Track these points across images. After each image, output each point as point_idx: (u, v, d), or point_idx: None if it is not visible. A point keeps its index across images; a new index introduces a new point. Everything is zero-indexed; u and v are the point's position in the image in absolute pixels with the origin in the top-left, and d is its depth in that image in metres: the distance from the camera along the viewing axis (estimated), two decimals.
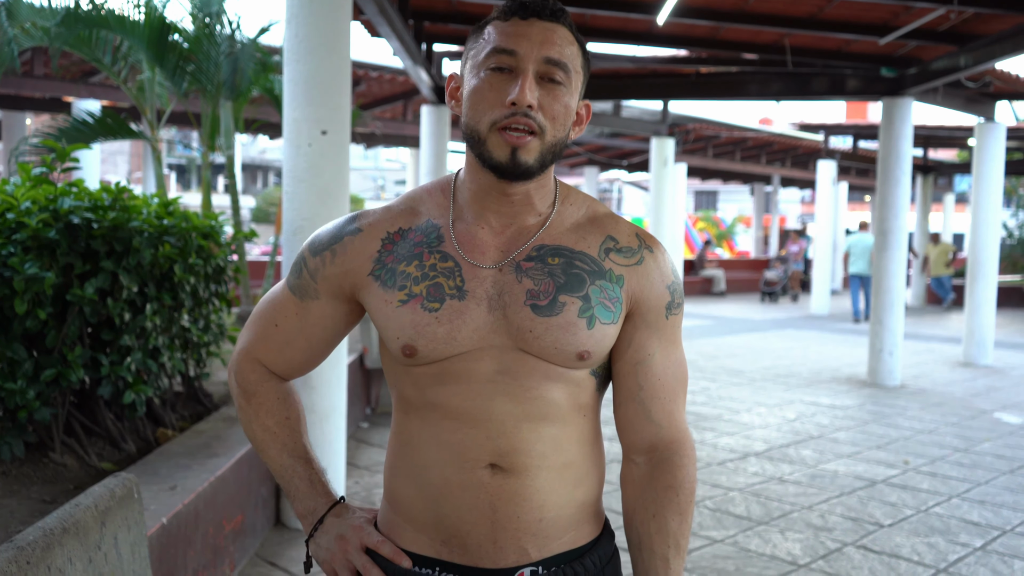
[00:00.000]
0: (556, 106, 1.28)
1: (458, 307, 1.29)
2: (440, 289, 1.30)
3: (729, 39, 8.85)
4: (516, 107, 1.25)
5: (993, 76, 9.70)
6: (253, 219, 35.17)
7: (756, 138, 18.62)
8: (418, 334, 1.29)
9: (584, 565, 1.36)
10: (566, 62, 1.28)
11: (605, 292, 1.32)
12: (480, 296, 1.30)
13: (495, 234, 1.34)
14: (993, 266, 10.63)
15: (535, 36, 1.27)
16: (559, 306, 1.28)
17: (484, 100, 1.27)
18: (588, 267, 1.32)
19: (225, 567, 3.54)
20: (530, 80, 1.26)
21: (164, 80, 7.68)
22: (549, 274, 1.30)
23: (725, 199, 46.92)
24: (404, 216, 1.38)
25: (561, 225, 1.36)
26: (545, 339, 1.28)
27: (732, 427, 6.92)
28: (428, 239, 1.34)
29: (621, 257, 1.35)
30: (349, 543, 1.38)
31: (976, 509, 4.97)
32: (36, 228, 3.23)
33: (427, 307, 1.29)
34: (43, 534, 1.87)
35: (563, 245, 1.33)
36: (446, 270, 1.31)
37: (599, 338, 1.31)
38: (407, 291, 1.30)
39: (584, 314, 1.29)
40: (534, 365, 1.29)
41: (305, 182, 4.18)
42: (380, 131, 14.04)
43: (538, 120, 1.26)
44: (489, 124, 1.27)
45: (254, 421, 1.46)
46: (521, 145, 1.26)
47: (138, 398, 3.62)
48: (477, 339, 1.29)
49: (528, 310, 1.28)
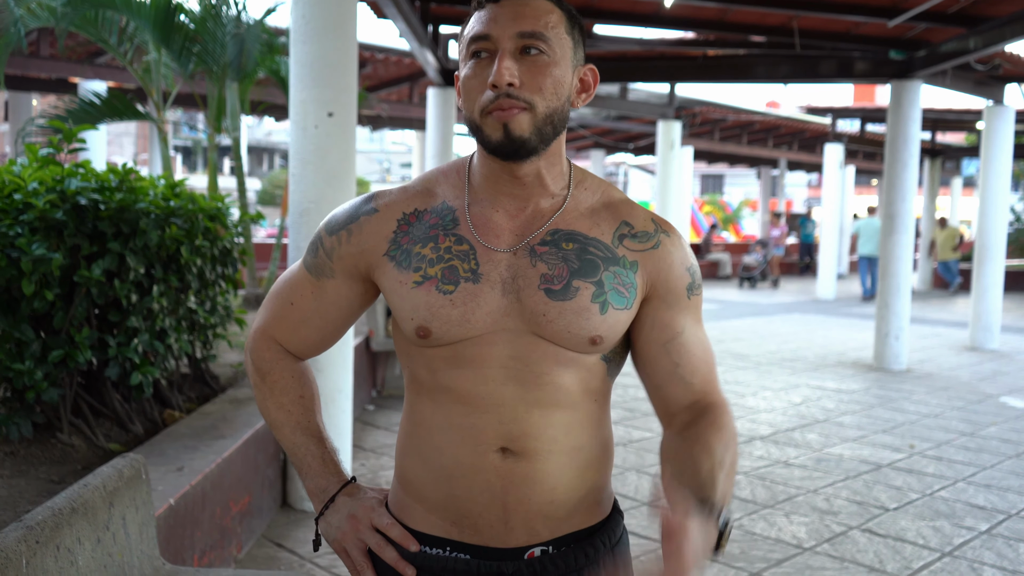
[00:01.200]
0: (540, 77, 1.27)
1: (472, 290, 1.29)
2: (455, 272, 1.30)
3: (737, 21, 8.79)
4: (496, 89, 1.25)
5: (1002, 59, 9.63)
6: (259, 201, 35.17)
7: (763, 121, 18.53)
8: (432, 316, 1.29)
9: (594, 545, 1.37)
10: (541, 31, 1.27)
11: (619, 278, 1.32)
12: (494, 279, 1.30)
13: (510, 217, 1.34)
14: (1000, 250, 10.59)
15: (505, 14, 1.27)
16: (573, 291, 1.29)
17: (472, 88, 1.28)
18: (602, 253, 1.32)
19: (232, 548, 3.56)
20: (506, 59, 1.25)
21: (170, 61, 7.67)
22: (563, 259, 1.30)
23: (731, 183, 46.77)
24: (420, 197, 1.39)
25: (576, 209, 1.35)
26: (558, 323, 1.28)
27: (738, 411, 6.92)
28: (444, 221, 1.34)
29: (636, 243, 1.35)
30: (360, 522, 1.39)
31: (982, 493, 4.98)
32: (43, 209, 3.23)
33: (442, 289, 1.29)
34: (52, 514, 1.88)
35: (577, 231, 1.33)
36: (461, 253, 1.31)
37: (612, 323, 1.31)
38: (422, 272, 1.31)
39: (597, 299, 1.29)
40: (546, 350, 1.30)
41: (312, 164, 4.17)
42: (386, 113, 14.00)
43: (523, 96, 1.26)
44: (480, 110, 1.27)
45: (268, 399, 1.47)
46: (510, 119, 1.25)
47: (145, 379, 3.63)
48: (491, 322, 1.29)
49: (542, 294, 1.29)
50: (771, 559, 3.93)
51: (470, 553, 1.35)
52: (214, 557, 3.31)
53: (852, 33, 8.89)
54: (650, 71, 10.94)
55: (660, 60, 10.74)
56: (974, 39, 7.90)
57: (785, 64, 9.69)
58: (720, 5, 7.91)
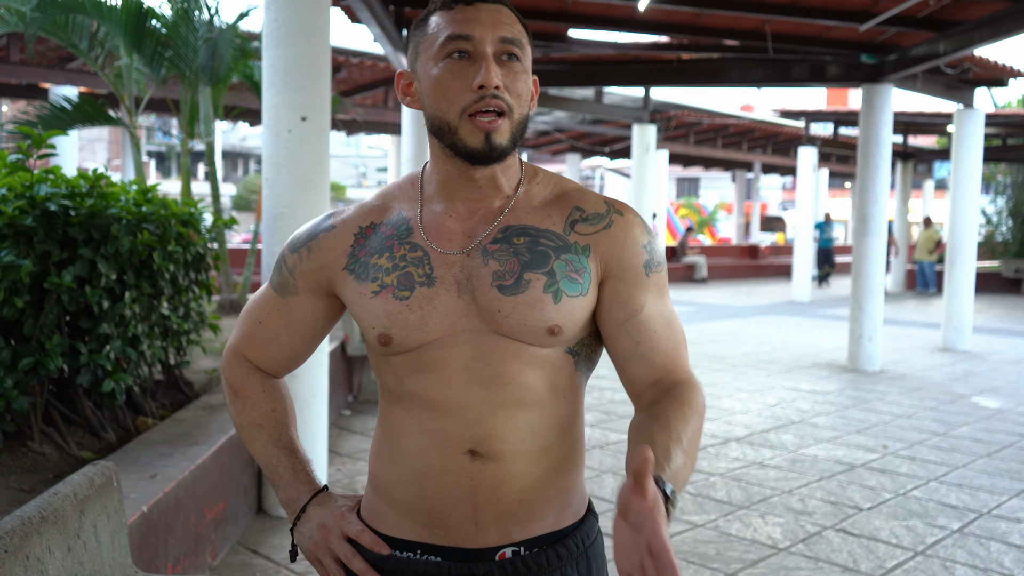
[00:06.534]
0: (518, 84, 1.30)
1: (428, 294, 1.31)
2: (410, 278, 1.32)
3: (710, 25, 8.84)
4: (484, 90, 1.26)
5: (972, 63, 9.75)
6: (234, 207, 34.98)
7: (737, 125, 18.65)
8: (391, 322, 1.31)
9: (567, 547, 1.37)
10: (519, 39, 1.31)
11: (571, 265, 1.32)
12: (449, 282, 1.31)
13: (462, 220, 1.35)
14: (971, 252, 10.71)
15: (486, 18, 1.29)
16: (524, 283, 1.29)
17: (450, 89, 1.28)
18: (553, 243, 1.33)
19: (207, 555, 3.53)
20: (491, 61, 1.28)
21: (142, 66, 7.61)
22: (514, 254, 1.31)
23: (707, 186, 47.06)
24: (376, 211, 1.42)
25: (528, 204, 1.37)
26: (514, 317, 1.29)
27: (713, 412, 6.95)
28: (398, 231, 1.37)
29: (587, 226, 1.35)
30: (331, 532, 1.40)
31: (954, 492, 5.02)
32: (12, 215, 3.20)
33: (398, 296, 1.31)
34: (21, 523, 1.86)
35: (528, 224, 1.34)
36: (415, 259, 1.33)
37: (567, 312, 1.31)
38: (379, 282, 1.33)
39: (549, 289, 1.30)
40: (506, 348, 1.30)
41: (285, 168, 4.15)
42: (361, 118, 13.97)
43: (506, 100, 1.28)
44: (459, 112, 1.28)
45: (241, 415, 1.50)
46: (494, 129, 1.28)
47: (117, 387, 3.60)
48: (448, 324, 1.30)
49: (495, 291, 1.30)
50: (746, 560, 3.95)
51: (441, 555, 1.35)
52: (188, 564, 3.28)
53: (824, 37, 8.97)
54: (625, 75, 10.99)
55: (635, 64, 10.79)
56: (944, 43, 7.99)
57: (759, 68, 9.77)
58: (694, 9, 7.96)
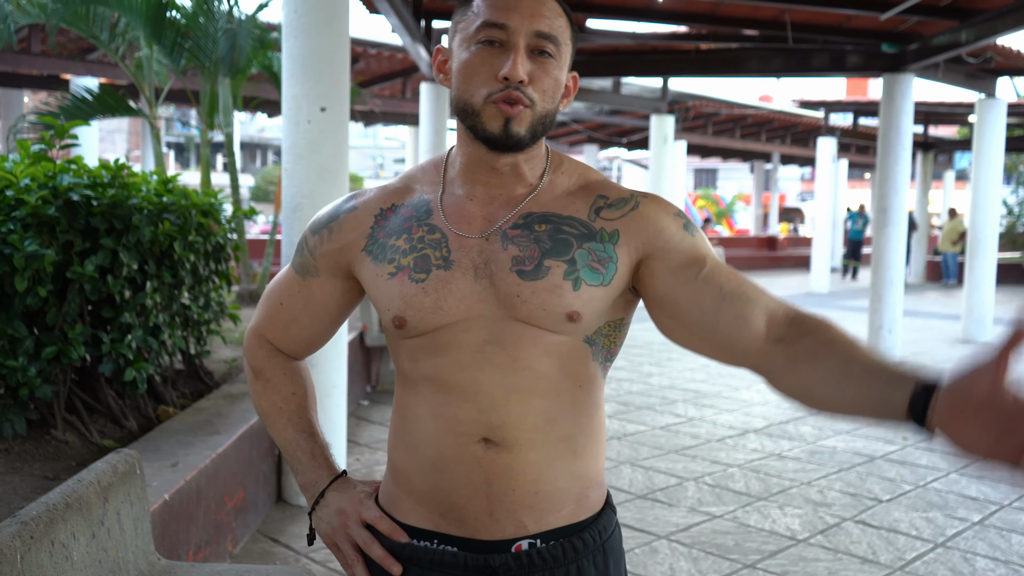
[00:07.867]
0: (546, 80, 1.28)
1: (444, 277, 1.29)
2: (427, 260, 1.31)
3: (729, 15, 8.79)
4: (508, 82, 1.25)
5: (994, 52, 9.65)
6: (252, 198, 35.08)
7: (756, 115, 18.55)
8: (406, 305, 1.30)
9: (583, 540, 1.35)
10: (556, 35, 1.28)
11: (593, 254, 1.30)
12: (466, 265, 1.30)
13: (482, 204, 1.34)
14: (993, 243, 10.62)
15: (525, 9, 1.27)
16: (544, 270, 1.28)
17: (476, 74, 1.27)
18: (577, 231, 1.31)
19: (227, 543, 3.56)
20: (521, 54, 1.26)
21: (162, 57, 7.65)
22: (535, 240, 1.30)
23: (725, 177, 46.80)
24: (397, 193, 1.41)
25: (551, 193, 1.35)
26: (533, 302, 1.27)
27: (731, 404, 6.94)
28: (418, 213, 1.36)
29: (613, 211, 1.33)
30: (349, 518, 1.39)
31: (974, 484, 5.00)
32: (35, 205, 3.22)
33: (414, 278, 1.30)
34: (46, 509, 1.88)
35: (551, 212, 1.33)
36: (433, 242, 1.32)
37: (587, 300, 1.28)
38: (396, 263, 1.32)
39: (569, 276, 1.28)
40: (522, 333, 1.28)
41: (304, 159, 4.17)
42: (379, 109, 13.99)
43: (529, 94, 1.26)
44: (483, 98, 1.27)
45: (262, 396, 1.50)
46: (514, 115, 1.26)
47: (139, 375, 3.63)
48: (464, 308, 1.29)
49: (515, 276, 1.28)
50: (765, 551, 3.94)
51: (457, 545, 1.33)
52: (209, 552, 3.31)
53: (844, 26, 8.90)
54: (643, 65, 10.94)
55: (653, 54, 10.74)
56: (966, 32, 7.91)
57: (778, 58, 9.70)
58: None
